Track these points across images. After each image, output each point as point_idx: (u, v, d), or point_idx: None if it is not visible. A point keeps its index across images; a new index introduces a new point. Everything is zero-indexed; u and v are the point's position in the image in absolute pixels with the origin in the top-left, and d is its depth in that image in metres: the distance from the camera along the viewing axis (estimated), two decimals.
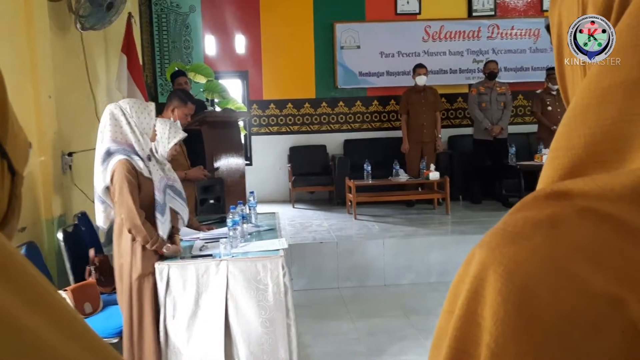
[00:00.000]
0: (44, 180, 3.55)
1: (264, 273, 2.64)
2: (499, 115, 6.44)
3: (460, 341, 0.36)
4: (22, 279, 0.37)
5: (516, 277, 0.34)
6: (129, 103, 2.67)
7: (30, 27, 3.50)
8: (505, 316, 0.33)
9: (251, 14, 7.45)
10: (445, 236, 5.17)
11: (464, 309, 0.36)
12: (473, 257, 0.38)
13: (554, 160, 0.40)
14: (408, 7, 7.60)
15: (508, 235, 0.36)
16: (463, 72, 7.68)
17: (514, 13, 7.76)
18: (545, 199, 0.38)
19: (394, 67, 7.58)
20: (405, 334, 3.72)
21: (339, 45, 7.52)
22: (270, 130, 7.67)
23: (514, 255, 0.35)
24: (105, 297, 3.12)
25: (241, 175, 4.80)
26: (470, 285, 0.36)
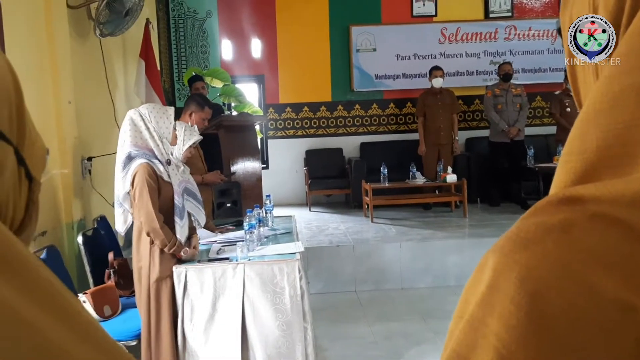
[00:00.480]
0: (64, 185, 3.60)
1: (281, 276, 2.65)
2: (515, 116, 6.38)
3: (463, 346, 0.36)
4: (37, 283, 0.37)
5: (528, 283, 0.34)
6: (148, 108, 2.70)
7: (51, 35, 3.56)
8: (517, 323, 0.33)
9: (267, 18, 7.49)
10: (462, 239, 5.13)
11: (473, 315, 0.36)
12: (486, 263, 0.37)
13: (566, 165, 0.40)
14: (424, 9, 7.58)
15: (520, 240, 0.36)
16: (480, 74, 7.63)
17: (531, 14, 7.69)
18: (558, 204, 0.38)
19: (410, 70, 7.56)
20: (423, 337, 3.70)
21: (355, 48, 7.52)
22: (287, 134, 7.69)
23: (526, 261, 0.35)
24: (124, 300, 3.15)
25: (258, 178, 4.82)
26: (482, 292, 0.36)
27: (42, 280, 0.38)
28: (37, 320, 0.35)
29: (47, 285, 0.38)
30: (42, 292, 0.37)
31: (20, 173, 0.46)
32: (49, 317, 0.36)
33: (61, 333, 0.36)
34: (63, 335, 0.36)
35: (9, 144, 0.44)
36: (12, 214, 0.45)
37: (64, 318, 0.37)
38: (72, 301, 0.40)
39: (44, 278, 0.38)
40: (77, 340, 0.37)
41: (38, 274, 0.38)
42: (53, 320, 0.36)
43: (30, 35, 3.37)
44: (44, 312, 0.36)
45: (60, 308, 0.38)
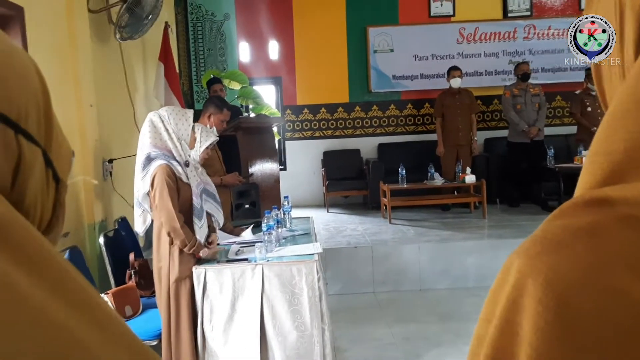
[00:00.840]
0: (86, 187, 3.66)
1: (299, 277, 2.65)
2: (534, 116, 6.31)
3: (498, 351, 0.36)
4: (66, 283, 0.38)
5: (557, 286, 0.33)
6: (167, 110, 2.73)
7: (73, 39, 3.62)
8: (545, 326, 0.33)
9: (284, 20, 7.51)
10: (482, 240, 5.09)
11: (502, 318, 0.36)
12: (511, 265, 0.37)
13: (592, 166, 0.39)
14: (442, 9, 7.54)
15: (548, 243, 0.36)
16: (499, 74, 7.56)
17: (550, 13, 7.61)
18: (585, 206, 0.37)
19: (428, 70, 7.53)
20: (443, 339, 3.67)
21: (372, 49, 7.51)
22: (304, 135, 7.70)
23: (555, 264, 0.34)
24: (145, 300, 3.18)
25: (275, 180, 4.84)
26: (508, 294, 0.36)
27: (70, 281, 0.39)
28: (65, 321, 0.35)
29: (75, 285, 0.39)
30: (70, 292, 0.38)
31: (48, 175, 0.47)
32: (77, 317, 0.36)
33: (89, 333, 0.36)
34: (91, 335, 0.37)
35: (38, 146, 0.45)
36: (40, 215, 0.46)
37: (92, 318, 0.38)
38: (100, 301, 0.40)
39: (72, 278, 0.39)
40: (105, 340, 0.38)
41: (66, 274, 0.39)
42: (81, 320, 0.36)
43: (52, 40, 3.43)
44: (73, 312, 0.36)
45: (88, 308, 0.38)
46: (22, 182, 0.43)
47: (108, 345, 0.38)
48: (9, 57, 0.43)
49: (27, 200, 0.44)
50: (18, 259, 0.35)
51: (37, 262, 0.37)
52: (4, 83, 0.41)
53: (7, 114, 0.41)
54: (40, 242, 0.39)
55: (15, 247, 0.36)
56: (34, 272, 0.36)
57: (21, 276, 0.35)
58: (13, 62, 0.44)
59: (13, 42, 0.46)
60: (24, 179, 0.43)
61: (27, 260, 0.36)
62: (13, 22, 3.00)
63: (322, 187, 7.45)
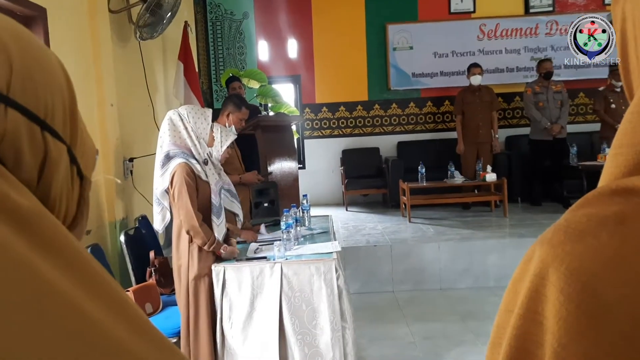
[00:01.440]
0: (107, 185, 3.70)
1: (318, 276, 2.65)
2: (557, 113, 6.22)
3: (521, 340, 0.36)
4: (90, 275, 0.40)
5: (580, 275, 0.33)
6: (187, 109, 2.75)
7: (94, 39, 3.66)
8: (568, 316, 0.32)
9: (303, 18, 7.51)
10: (503, 239, 5.03)
11: (524, 308, 0.36)
12: (533, 254, 0.37)
13: (616, 157, 0.39)
14: (462, 5, 7.47)
15: (571, 232, 0.35)
16: (520, 71, 7.47)
17: (573, 8, 7.48)
18: (611, 195, 0.37)
19: (448, 67, 7.47)
20: (463, 339, 3.64)
21: (392, 46, 7.47)
22: (323, 134, 7.70)
23: (578, 252, 0.34)
24: (165, 297, 3.21)
25: (294, 178, 4.84)
26: (530, 284, 0.36)
27: (95, 274, 0.40)
28: (92, 311, 0.36)
29: (99, 278, 0.40)
30: (95, 284, 0.39)
31: (72, 171, 0.49)
32: (102, 308, 0.38)
33: (116, 325, 0.38)
34: (117, 326, 0.38)
35: (63, 143, 0.46)
36: (65, 210, 0.48)
37: (116, 309, 0.39)
38: (122, 294, 0.42)
39: (97, 271, 0.41)
40: (129, 330, 0.38)
41: (92, 268, 0.40)
42: (108, 312, 0.38)
43: (74, 40, 3.47)
44: (99, 303, 0.38)
45: (111, 300, 0.40)
46: (48, 178, 0.45)
47: (134, 336, 0.39)
48: (36, 57, 0.45)
49: (52, 195, 0.45)
50: (46, 251, 0.37)
51: (63, 254, 0.38)
52: (31, 82, 0.43)
53: (34, 111, 0.43)
54: (66, 235, 0.40)
55: (43, 239, 0.37)
56: (61, 264, 0.37)
57: (48, 267, 0.36)
58: (40, 61, 0.45)
59: (40, 41, 0.47)
60: (50, 175, 0.45)
61: (54, 252, 0.37)
62: (36, 22, 3.05)
63: (341, 185, 7.44)
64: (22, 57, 0.43)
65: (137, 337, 0.39)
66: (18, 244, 0.35)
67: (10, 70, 0.42)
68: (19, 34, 0.45)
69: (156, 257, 3.35)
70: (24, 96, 0.42)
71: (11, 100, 0.41)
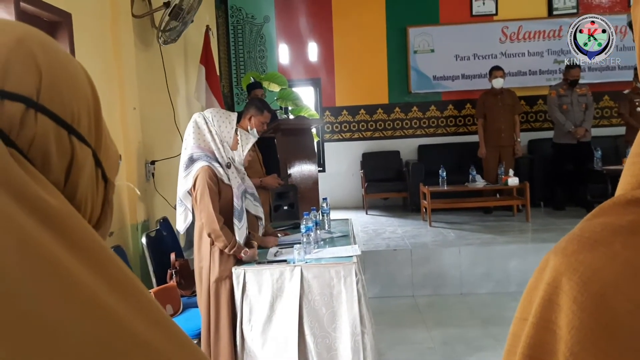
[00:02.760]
0: (129, 188, 3.74)
1: (337, 279, 2.65)
2: (581, 117, 6.12)
3: (534, 348, 0.36)
4: (115, 273, 0.41)
5: (593, 284, 0.33)
6: (212, 112, 2.78)
7: (117, 44, 3.72)
8: (580, 325, 0.32)
9: (324, 21, 7.53)
10: (525, 244, 4.97)
11: (538, 316, 0.36)
12: (547, 263, 0.37)
13: (633, 166, 0.38)
14: (484, 8, 7.42)
15: (585, 241, 0.35)
16: (543, 74, 7.38)
17: (598, 10, 7.36)
18: (626, 205, 0.36)
19: (469, 70, 7.41)
20: (483, 344, 3.60)
21: (413, 49, 7.45)
22: (343, 137, 7.70)
23: (591, 262, 0.34)
24: (185, 299, 3.24)
25: (314, 181, 4.85)
26: (544, 292, 0.36)
27: (119, 272, 0.42)
28: (116, 307, 0.38)
29: (123, 276, 0.42)
30: (119, 282, 0.41)
31: (97, 174, 0.51)
32: (125, 304, 0.39)
33: (136, 319, 0.39)
34: (138, 322, 0.39)
35: (88, 147, 0.49)
36: (91, 211, 0.50)
37: (139, 306, 0.40)
38: (145, 292, 0.43)
39: (122, 269, 0.42)
40: (152, 327, 0.40)
41: (117, 265, 0.42)
42: (129, 307, 0.39)
43: (98, 45, 3.53)
44: (121, 299, 0.39)
45: (134, 297, 0.41)
46: (74, 180, 0.47)
47: (156, 333, 0.40)
48: (63, 65, 0.48)
49: (78, 197, 0.48)
50: (73, 248, 0.38)
51: (90, 252, 0.40)
52: (58, 89, 0.46)
53: (62, 116, 0.46)
54: (92, 235, 0.42)
55: (71, 237, 0.39)
56: (87, 261, 0.39)
57: (76, 264, 0.38)
58: (67, 69, 0.48)
59: (66, 51, 0.51)
60: (76, 177, 0.47)
61: (81, 250, 0.39)
62: (61, 27, 3.11)
63: (360, 189, 7.43)
64: (50, 65, 0.46)
65: (160, 334, 0.40)
66: (47, 241, 0.37)
67: (39, 78, 0.44)
68: (47, 44, 0.47)
69: (177, 259, 3.38)
70: (53, 102, 0.45)
71: (41, 106, 0.44)
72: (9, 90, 0.42)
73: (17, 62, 0.44)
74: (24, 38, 0.45)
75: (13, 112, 0.42)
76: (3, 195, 0.36)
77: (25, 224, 0.36)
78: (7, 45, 0.44)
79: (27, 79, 0.44)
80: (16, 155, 0.41)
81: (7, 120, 0.42)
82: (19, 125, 0.43)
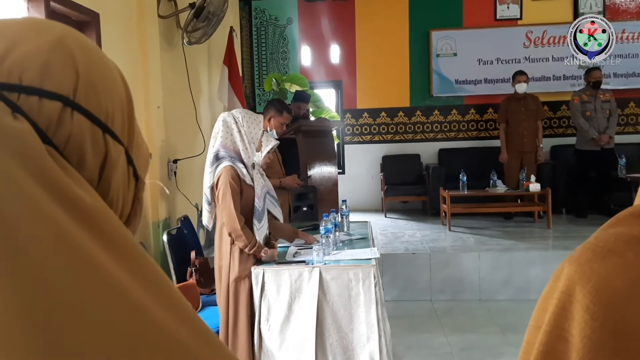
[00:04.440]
0: (152, 186, 3.79)
1: (356, 282, 2.65)
2: (605, 123, 6.03)
3: (546, 357, 0.36)
4: (144, 268, 0.42)
5: (605, 294, 0.33)
6: (242, 113, 2.81)
7: (143, 44, 3.77)
8: (592, 334, 0.32)
9: (347, 23, 7.53)
10: (546, 251, 4.91)
11: (551, 325, 0.36)
12: (562, 272, 0.37)
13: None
14: (508, 12, 7.35)
15: (599, 250, 0.35)
16: (567, 79, 7.28)
17: (625, 15, 7.25)
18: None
19: (492, 75, 7.35)
20: (502, 351, 3.57)
21: (435, 53, 7.41)
22: (363, 139, 7.69)
23: (604, 271, 0.34)
24: (205, 297, 3.27)
25: (334, 183, 4.85)
26: (558, 301, 0.36)
27: (149, 267, 0.42)
28: (145, 302, 0.39)
29: (153, 271, 0.43)
30: (149, 278, 0.41)
31: (129, 172, 0.52)
32: (154, 300, 0.40)
33: (164, 314, 0.39)
34: (166, 316, 0.39)
35: (121, 145, 0.50)
36: (122, 208, 0.51)
37: (167, 302, 0.41)
38: (173, 287, 0.44)
39: (151, 265, 0.43)
40: (179, 323, 0.40)
41: (147, 261, 0.43)
42: (158, 304, 0.40)
43: (124, 44, 3.58)
44: (151, 295, 0.40)
45: (163, 292, 0.42)
46: (108, 177, 0.48)
47: (183, 329, 0.40)
48: (99, 65, 0.49)
49: (110, 194, 0.49)
50: (105, 244, 0.39)
51: (121, 248, 0.41)
52: (94, 88, 0.47)
53: (97, 115, 0.47)
54: (124, 231, 0.43)
55: (104, 233, 0.40)
56: (119, 257, 0.40)
57: (107, 259, 0.38)
58: (102, 69, 0.49)
59: (101, 51, 0.51)
60: (109, 174, 0.48)
61: (113, 245, 0.40)
62: (89, 27, 3.16)
63: (380, 191, 7.41)
64: (87, 65, 0.47)
65: (187, 330, 0.41)
66: (82, 236, 0.38)
67: (77, 77, 0.45)
68: (85, 44, 0.48)
69: (197, 257, 3.41)
70: (88, 101, 0.46)
71: (77, 105, 0.45)
72: (47, 89, 0.43)
73: (57, 62, 0.45)
74: (63, 38, 0.46)
75: (51, 110, 0.43)
76: (40, 192, 0.37)
77: (61, 220, 0.37)
78: (47, 45, 0.45)
79: (65, 78, 0.45)
80: (53, 153, 0.42)
81: (45, 118, 0.43)
82: (56, 124, 0.43)
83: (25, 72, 0.43)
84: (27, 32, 0.45)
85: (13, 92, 0.42)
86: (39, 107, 0.43)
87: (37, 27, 0.46)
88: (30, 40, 0.45)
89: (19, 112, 0.42)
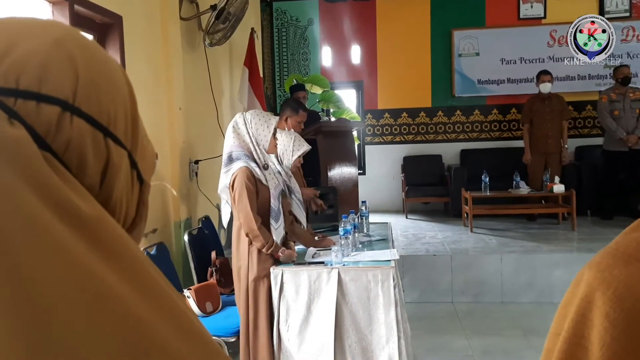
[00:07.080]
0: (173, 186, 3.83)
1: (375, 283, 2.63)
2: (634, 123, 5.90)
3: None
4: (145, 280, 0.41)
5: (626, 301, 0.32)
6: (252, 114, 2.82)
7: (166, 46, 3.81)
8: (612, 342, 0.32)
9: (367, 24, 7.51)
10: (570, 253, 4.82)
11: (570, 332, 0.35)
12: (582, 278, 0.36)
13: None
14: (532, 11, 7.25)
15: (620, 256, 0.34)
16: (593, 79, 7.15)
17: None
18: None
19: (515, 74, 7.25)
20: (524, 354, 3.51)
21: (457, 52, 7.34)
22: (384, 140, 7.66)
23: (626, 277, 0.33)
24: (225, 297, 3.29)
25: (354, 184, 4.84)
26: (577, 307, 0.35)
27: (151, 279, 0.41)
28: (145, 315, 0.38)
29: (154, 283, 0.41)
30: (150, 290, 0.41)
31: (132, 175, 0.50)
32: (155, 313, 0.39)
33: (166, 330, 0.39)
34: (168, 332, 0.39)
35: (124, 149, 0.48)
36: (125, 213, 0.50)
37: (168, 315, 0.40)
38: (177, 300, 0.43)
39: (152, 276, 0.42)
40: (181, 337, 0.39)
41: (147, 271, 0.42)
42: (159, 317, 0.39)
43: (147, 46, 3.63)
44: (151, 307, 0.39)
45: (166, 306, 0.41)
46: (110, 182, 0.46)
47: (187, 345, 0.39)
48: (101, 66, 0.47)
49: (113, 199, 0.47)
50: (104, 254, 0.38)
51: (120, 258, 0.40)
52: (95, 91, 0.45)
53: (98, 119, 0.45)
54: (125, 240, 0.42)
55: (103, 243, 0.39)
56: (117, 267, 0.38)
57: (105, 269, 0.37)
58: (104, 70, 0.47)
59: (104, 51, 0.50)
60: (112, 179, 0.46)
61: (112, 256, 0.39)
62: (113, 29, 3.21)
63: (401, 192, 7.37)
64: (88, 67, 0.45)
65: (190, 344, 0.40)
66: (78, 246, 0.37)
67: (76, 79, 0.44)
68: (86, 45, 0.47)
69: (217, 257, 3.44)
70: (89, 104, 0.44)
71: (77, 109, 0.44)
72: (45, 93, 0.42)
73: (55, 65, 0.43)
74: (62, 38, 0.45)
75: (49, 115, 0.42)
76: (36, 201, 0.36)
77: (56, 230, 0.36)
78: (45, 47, 0.43)
79: (64, 81, 0.43)
80: (50, 159, 0.40)
81: (44, 123, 0.42)
82: (55, 129, 0.42)
83: (22, 75, 0.42)
84: (24, 33, 0.44)
85: (10, 97, 0.41)
86: (37, 112, 0.41)
87: (35, 28, 0.45)
88: (28, 41, 0.43)
89: (16, 117, 0.40)
